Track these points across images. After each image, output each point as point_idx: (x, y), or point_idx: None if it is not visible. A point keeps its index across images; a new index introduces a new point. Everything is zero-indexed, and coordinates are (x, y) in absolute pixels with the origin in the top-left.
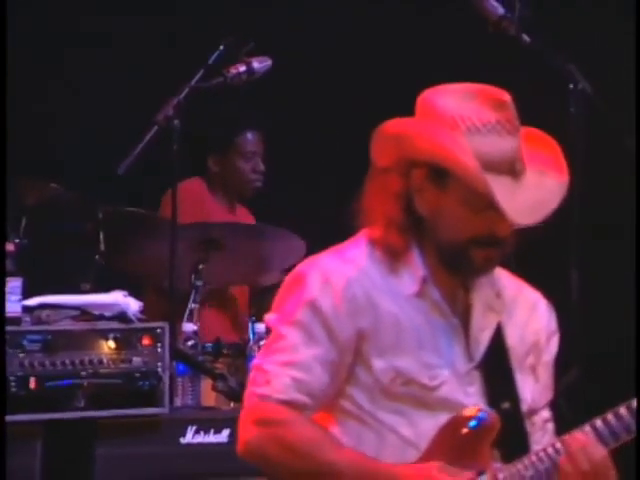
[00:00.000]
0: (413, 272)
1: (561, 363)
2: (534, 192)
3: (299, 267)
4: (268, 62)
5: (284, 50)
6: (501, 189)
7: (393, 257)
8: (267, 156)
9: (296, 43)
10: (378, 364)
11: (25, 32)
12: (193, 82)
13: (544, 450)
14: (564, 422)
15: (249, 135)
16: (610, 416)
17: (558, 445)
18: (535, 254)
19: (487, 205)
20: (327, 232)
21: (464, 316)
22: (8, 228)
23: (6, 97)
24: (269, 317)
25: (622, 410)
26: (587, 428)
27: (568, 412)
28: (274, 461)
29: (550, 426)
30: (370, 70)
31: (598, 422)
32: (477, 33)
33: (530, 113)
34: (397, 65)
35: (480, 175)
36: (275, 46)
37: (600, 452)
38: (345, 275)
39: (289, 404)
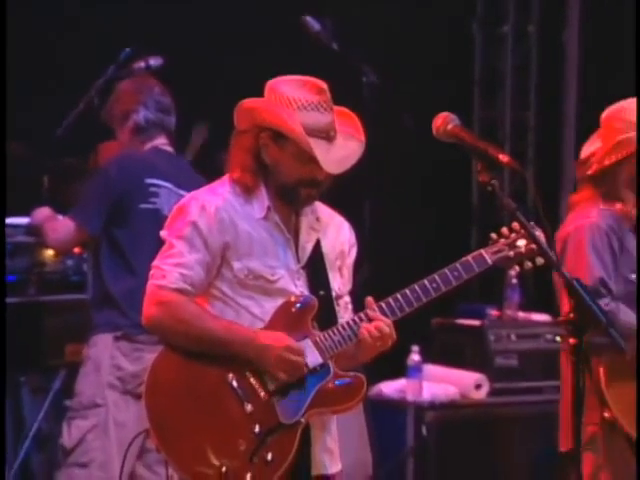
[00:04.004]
0: (261, 203)
1: (358, 264)
2: (342, 151)
3: (183, 200)
4: (160, 60)
5: (172, 50)
6: (319, 148)
7: (247, 192)
8: None
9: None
10: (237, 265)
11: None
12: (109, 72)
13: (347, 322)
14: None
15: None
16: (390, 299)
17: (356, 319)
18: (339, 192)
19: (310, 159)
20: None
21: (295, 233)
22: None
23: (6, 97)
24: (163, 233)
25: (398, 295)
26: (375, 306)
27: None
28: (170, 330)
29: (350, 306)
30: (237, 65)
31: (383, 303)
32: (305, 43)
33: (339, 97)
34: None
35: (305, 138)
36: (165, 47)
37: (385, 322)
38: (215, 204)
39: (179, 291)
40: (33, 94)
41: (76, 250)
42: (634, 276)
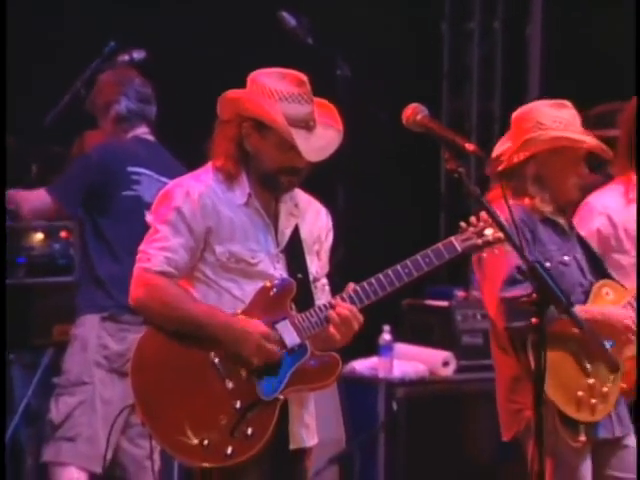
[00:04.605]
0: (243, 189)
1: (333, 248)
2: (321, 140)
3: (168, 186)
4: (143, 53)
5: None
6: (300, 138)
7: (229, 179)
8: None
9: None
10: (219, 249)
11: None
12: (94, 65)
13: (323, 305)
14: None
15: None
16: (365, 283)
17: (331, 302)
18: (315, 179)
19: (291, 148)
20: None
21: (274, 219)
22: None
23: (6, 97)
24: (149, 218)
25: (373, 279)
26: (345, 294)
27: (340, 280)
28: (155, 311)
29: (327, 289)
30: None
31: (358, 287)
32: (284, 38)
33: (315, 89)
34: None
35: (287, 128)
36: (148, 41)
37: (353, 308)
38: (199, 190)
39: (164, 274)
40: (21, 84)
41: (63, 235)
42: (548, 264)
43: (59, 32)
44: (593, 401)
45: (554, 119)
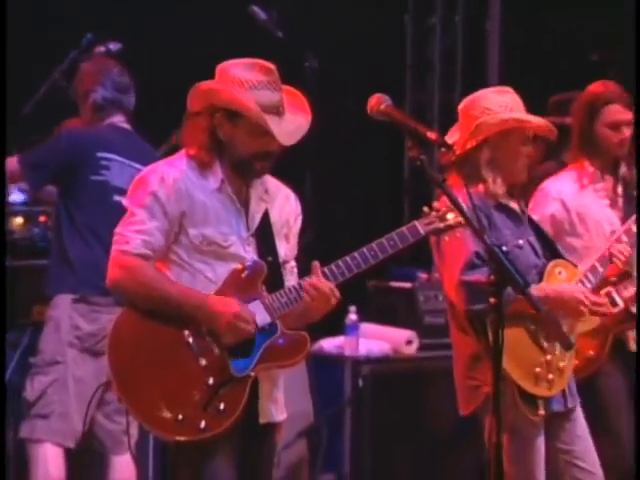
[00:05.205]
0: (216, 176)
1: (302, 232)
2: (291, 124)
3: (143, 172)
4: (119, 45)
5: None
6: (272, 123)
7: (203, 166)
8: None
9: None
10: (192, 232)
11: None
12: (72, 56)
13: (292, 286)
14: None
15: None
16: (333, 265)
17: (301, 282)
18: (284, 166)
19: (263, 133)
20: None
21: (245, 204)
22: None
23: (6, 98)
24: (125, 202)
25: (340, 262)
26: (319, 271)
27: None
28: (132, 292)
29: (295, 270)
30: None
31: (326, 268)
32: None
33: (284, 79)
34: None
35: (261, 115)
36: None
37: (325, 284)
38: (174, 176)
39: (140, 256)
40: None
41: (42, 219)
42: (505, 248)
43: (38, 24)
44: (550, 376)
45: (499, 104)
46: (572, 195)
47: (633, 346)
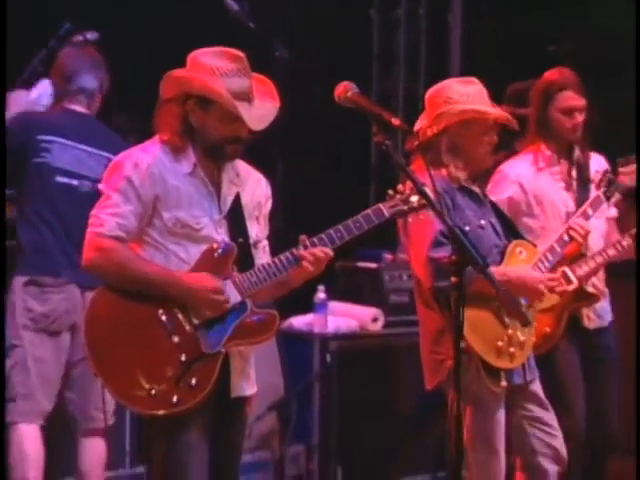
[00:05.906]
0: (188, 160)
1: (273, 215)
2: (261, 110)
3: (118, 157)
4: (96, 34)
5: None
6: (243, 109)
7: (176, 151)
8: None
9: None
10: (166, 215)
11: None
12: (50, 44)
13: (262, 265)
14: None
15: None
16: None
17: (294, 251)
18: (256, 153)
19: (234, 119)
20: None
21: (217, 187)
22: None
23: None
24: (101, 186)
25: (331, 231)
26: (315, 239)
27: (280, 248)
28: (107, 272)
29: (267, 249)
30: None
31: (315, 238)
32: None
33: (255, 68)
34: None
35: (232, 101)
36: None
37: (323, 250)
38: (147, 161)
39: (115, 238)
40: None
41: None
42: (468, 228)
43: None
44: (512, 350)
45: (462, 94)
46: (529, 177)
47: (587, 323)
